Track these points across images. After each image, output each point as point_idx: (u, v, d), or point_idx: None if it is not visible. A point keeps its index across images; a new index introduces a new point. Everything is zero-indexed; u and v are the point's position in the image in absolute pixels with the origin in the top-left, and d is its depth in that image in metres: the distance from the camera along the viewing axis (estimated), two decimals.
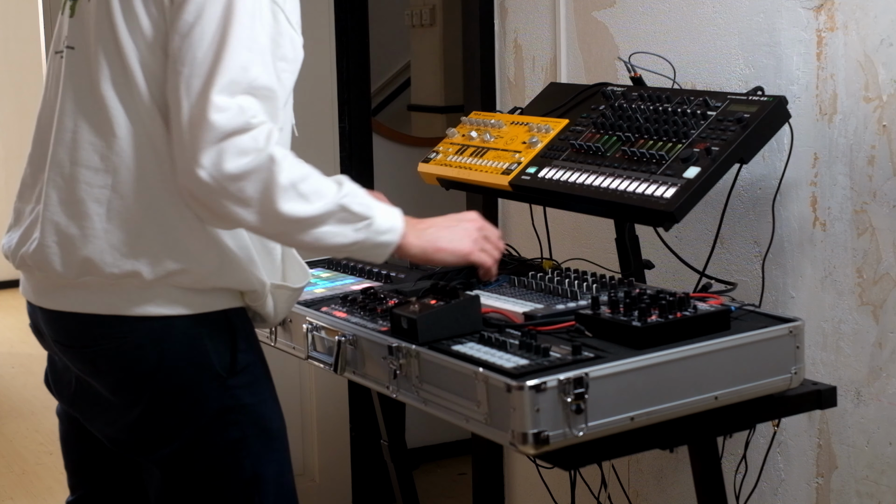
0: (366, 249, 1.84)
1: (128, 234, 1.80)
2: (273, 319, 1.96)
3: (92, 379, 1.89)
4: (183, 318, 1.83)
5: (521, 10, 2.98)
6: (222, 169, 1.70)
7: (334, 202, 1.79)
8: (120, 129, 1.80)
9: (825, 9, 2.19)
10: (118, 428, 1.89)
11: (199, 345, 1.84)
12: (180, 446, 1.86)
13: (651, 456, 2.66)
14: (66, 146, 1.84)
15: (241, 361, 1.88)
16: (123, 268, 1.80)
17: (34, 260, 1.86)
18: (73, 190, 1.82)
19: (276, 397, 1.95)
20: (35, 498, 4.20)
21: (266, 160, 1.72)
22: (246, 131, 1.71)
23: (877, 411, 2.18)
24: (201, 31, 1.73)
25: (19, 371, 5.84)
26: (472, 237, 2.01)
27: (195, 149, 1.70)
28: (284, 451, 1.95)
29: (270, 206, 1.73)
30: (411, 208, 1.94)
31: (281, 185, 1.73)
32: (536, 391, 1.63)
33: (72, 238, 1.82)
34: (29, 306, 1.96)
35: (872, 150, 2.14)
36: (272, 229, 1.78)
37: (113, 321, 1.83)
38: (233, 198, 1.72)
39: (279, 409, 1.95)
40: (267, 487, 1.90)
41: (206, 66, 1.71)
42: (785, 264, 2.31)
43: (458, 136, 2.53)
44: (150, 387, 1.84)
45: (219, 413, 1.86)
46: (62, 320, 1.87)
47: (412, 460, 2.84)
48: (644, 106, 2.26)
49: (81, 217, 1.82)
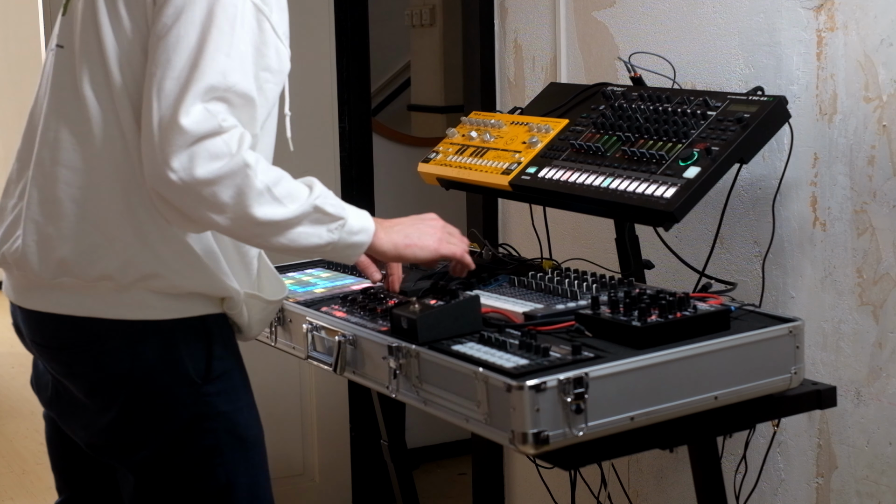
0: (339, 250, 1.83)
1: (102, 236, 1.79)
2: (248, 331, 1.95)
3: (67, 381, 1.88)
4: (157, 323, 1.82)
5: (521, 10, 2.98)
6: (194, 174, 1.68)
7: (308, 203, 1.78)
8: (97, 129, 1.79)
9: (825, 9, 2.19)
10: (92, 432, 1.88)
11: (173, 350, 1.83)
12: (153, 452, 1.85)
13: (651, 456, 2.66)
14: (49, 145, 1.84)
15: (217, 368, 1.86)
16: (97, 270, 1.79)
17: (14, 258, 1.85)
18: (53, 189, 1.82)
19: (254, 405, 1.94)
20: (35, 498, 4.20)
21: (239, 165, 1.70)
22: (217, 135, 1.69)
23: (877, 411, 2.18)
24: (177, 34, 1.71)
25: (19, 371, 5.84)
26: (438, 234, 2.01)
27: (165, 152, 1.68)
28: (260, 459, 1.93)
29: (245, 211, 1.72)
30: (411, 208, 1.95)
31: (256, 189, 1.72)
32: (536, 391, 1.63)
33: (49, 238, 1.81)
34: (11, 306, 1.95)
35: (872, 150, 2.14)
36: (246, 232, 1.76)
37: (87, 323, 1.82)
38: (206, 202, 1.70)
39: (257, 417, 1.94)
40: (240, 496, 1.88)
41: (182, 70, 1.70)
42: (785, 264, 2.31)
43: (458, 136, 2.53)
44: (124, 391, 1.83)
45: (192, 420, 1.85)
46: (38, 320, 1.87)
47: (412, 460, 2.84)
48: (644, 106, 2.26)
49: (58, 217, 1.81)
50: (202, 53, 1.70)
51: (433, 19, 4.70)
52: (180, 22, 1.71)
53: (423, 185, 2.67)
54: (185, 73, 1.70)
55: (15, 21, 7.51)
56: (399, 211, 1.99)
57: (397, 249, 1.93)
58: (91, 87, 1.80)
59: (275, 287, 1.97)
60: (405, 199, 3.93)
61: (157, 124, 1.69)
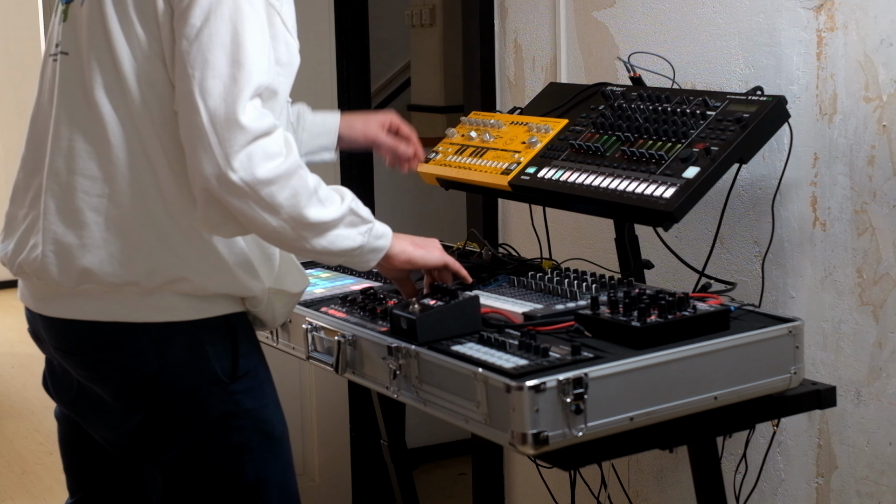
0: (364, 254, 1.86)
1: (126, 243, 1.80)
2: (273, 323, 1.96)
3: (94, 385, 1.89)
4: (183, 324, 1.83)
5: (521, 10, 2.98)
6: (255, 173, 1.69)
7: (346, 206, 1.81)
8: (114, 138, 1.79)
9: (825, 9, 2.19)
10: (120, 433, 1.89)
11: (199, 350, 1.84)
12: (182, 452, 1.86)
13: (651, 456, 2.66)
14: (63, 154, 1.83)
15: (243, 366, 1.88)
16: (122, 277, 1.79)
17: (32, 268, 1.85)
18: (71, 199, 1.81)
19: (279, 402, 1.95)
20: (35, 498, 4.20)
21: (295, 165, 1.73)
22: (269, 134, 1.71)
23: (877, 411, 2.18)
24: (209, 33, 1.70)
25: (19, 371, 5.84)
26: (437, 244, 2.04)
27: (226, 152, 1.68)
28: (287, 455, 1.95)
29: (298, 212, 1.74)
30: (411, 208, 1.95)
31: (309, 189, 1.75)
32: (536, 391, 1.63)
33: (70, 247, 1.81)
34: (28, 312, 1.95)
35: (872, 150, 2.13)
36: (293, 234, 1.77)
37: (113, 328, 1.82)
38: (262, 203, 1.71)
39: (282, 413, 1.95)
40: (270, 492, 1.90)
41: (225, 68, 1.69)
42: (785, 264, 2.31)
43: (457, 136, 2.53)
44: (152, 392, 1.84)
45: (221, 418, 1.86)
46: (62, 327, 1.87)
47: (412, 460, 2.83)
48: (644, 106, 2.26)
49: (80, 226, 1.81)
50: (241, 51, 1.70)
51: (433, 19, 4.70)
52: (210, 21, 1.71)
53: (423, 186, 2.67)
54: (230, 70, 1.69)
55: (15, 21, 7.51)
56: (399, 211, 2.00)
57: (406, 252, 1.95)
58: (105, 95, 1.80)
59: (297, 278, 1.98)
60: (405, 199, 3.92)
61: (210, 124, 1.68)
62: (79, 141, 1.82)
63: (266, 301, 1.90)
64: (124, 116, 1.79)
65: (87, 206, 1.81)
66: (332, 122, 2.36)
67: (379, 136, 2.38)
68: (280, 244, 1.83)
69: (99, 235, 1.80)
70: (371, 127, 2.38)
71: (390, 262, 1.93)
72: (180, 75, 1.72)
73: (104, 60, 1.79)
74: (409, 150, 2.38)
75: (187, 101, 1.71)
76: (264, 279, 1.89)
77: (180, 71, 1.72)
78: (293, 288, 1.96)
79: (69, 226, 1.82)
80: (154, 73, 1.77)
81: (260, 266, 1.88)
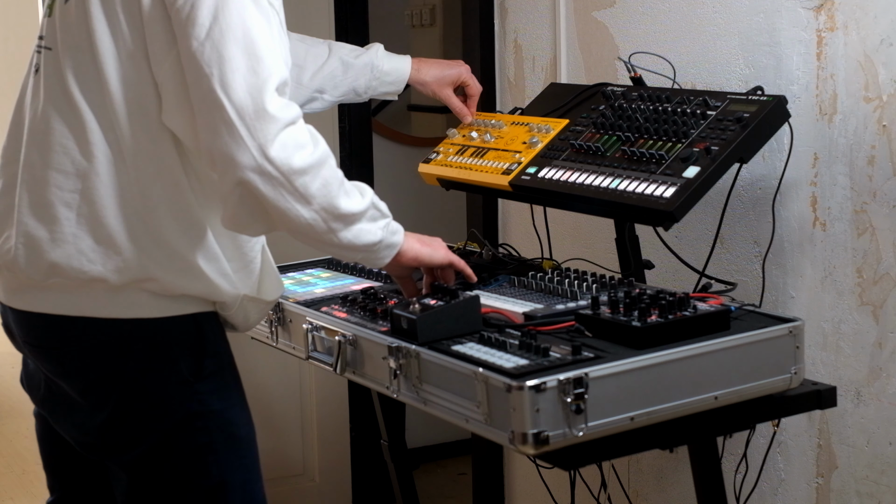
0: (381, 250, 1.86)
1: (96, 240, 1.79)
2: (244, 327, 1.96)
3: (60, 380, 1.88)
4: (149, 322, 1.82)
5: (521, 10, 2.98)
6: (291, 163, 1.69)
7: (369, 199, 1.82)
8: (91, 135, 1.78)
9: (825, 9, 2.19)
10: (85, 430, 1.88)
11: (165, 349, 1.83)
12: (146, 450, 1.85)
13: (651, 456, 2.66)
14: (39, 148, 1.83)
15: (209, 366, 1.87)
16: (91, 273, 1.79)
17: (4, 261, 1.85)
18: (44, 192, 1.81)
19: (246, 404, 1.94)
20: (35, 498, 4.20)
21: (325, 154, 1.74)
22: (295, 122, 1.72)
23: (877, 411, 2.18)
24: (221, 30, 1.69)
25: (19, 371, 5.84)
26: (442, 244, 2.04)
27: (261, 143, 1.67)
28: (253, 458, 1.93)
29: (330, 202, 1.74)
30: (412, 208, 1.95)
31: (338, 179, 1.76)
32: (536, 391, 1.63)
33: (39, 241, 1.80)
34: (0, 306, 1.95)
35: (872, 150, 2.14)
36: (324, 225, 1.76)
37: (80, 323, 1.82)
38: (296, 193, 1.71)
39: (248, 415, 1.94)
40: (233, 495, 1.88)
41: (243, 62, 1.69)
42: (785, 264, 2.31)
43: (458, 136, 2.53)
44: (117, 390, 1.83)
45: (185, 418, 1.85)
46: (30, 320, 1.86)
47: (412, 460, 2.83)
48: (644, 106, 2.26)
49: (51, 220, 1.80)
50: (255, 45, 1.70)
51: (433, 19, 4.70)
52: (220, 19, 1.70)
53: (424, 186, 2.67)
54: (248, 63, 1.69)
55: (15, 21, 7.51)
56: (399, 211, 2.00)
57: (413, 249, 1.95)
58: (82, 93, 1.79)
59: (274, 285, 1.97)
60: (405, 200, 3.92)
61: (238, 117, 1.67)
62: (55, 136, 1.81)
63: (237, 306, 1.89)
64: (101, 115, 1.78)
65: (60, 200, 1.80)
66: (403, 69, 2.44)
67: (450, 98, 2.49)
68: (308, 238, 1.80)
69: (69, 231, 1.79)
70: (443, 86, 2.48)
71: (399, 260, 1.93)
72: (195, 77, 1.70)
73: (85, 59, 1.79)
74: (470, 110, 2.52)
75: (209, 99, 1.69)
76: (239, 286, 1.88)
77: (194, 72, 1.70)
78: (268, 296, 1.95)
79: (40, 219, 1.81)
80: (137, 73, 1.76)
81: (236, 273, 1.87)
